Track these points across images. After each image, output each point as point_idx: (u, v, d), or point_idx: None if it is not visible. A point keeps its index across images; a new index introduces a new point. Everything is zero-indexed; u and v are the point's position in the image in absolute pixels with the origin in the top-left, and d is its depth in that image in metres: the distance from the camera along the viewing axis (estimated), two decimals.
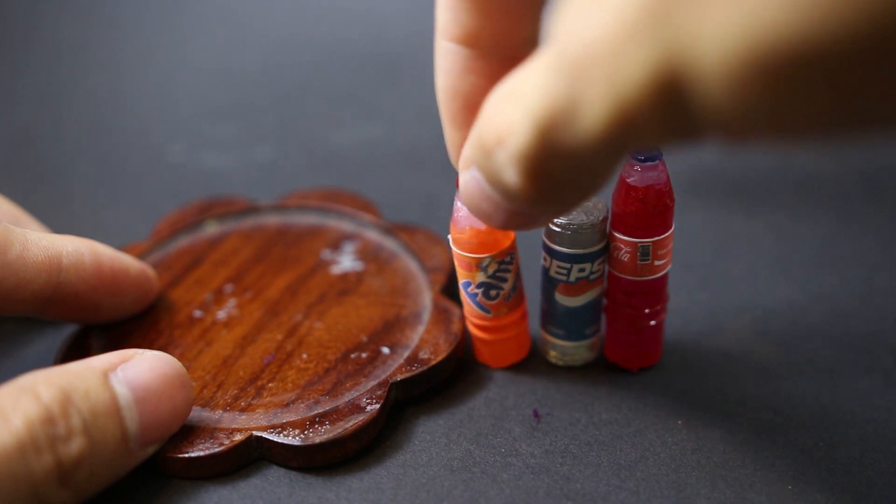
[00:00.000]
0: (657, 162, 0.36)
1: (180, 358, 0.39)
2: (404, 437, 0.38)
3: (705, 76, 0.23)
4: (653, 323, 0.39)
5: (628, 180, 0.36)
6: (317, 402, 0.37)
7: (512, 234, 0.38)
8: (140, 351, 0.35)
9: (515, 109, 0.28)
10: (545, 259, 0.38)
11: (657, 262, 0.38)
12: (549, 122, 0.27)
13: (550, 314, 0.39)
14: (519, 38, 0.33)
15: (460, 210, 0.37)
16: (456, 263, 0.38)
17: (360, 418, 0.36)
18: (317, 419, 0.37)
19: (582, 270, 0.38)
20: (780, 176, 0.50)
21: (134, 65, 0.60)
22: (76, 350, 0.40)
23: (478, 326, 0.39)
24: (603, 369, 0.40)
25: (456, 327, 0.40)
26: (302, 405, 0.37)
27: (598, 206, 0.38)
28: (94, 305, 0.39)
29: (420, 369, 0.38)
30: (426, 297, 0.41)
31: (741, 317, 0.42)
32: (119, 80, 0.59)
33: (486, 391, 0.39)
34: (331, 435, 0.36)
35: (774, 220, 0.47)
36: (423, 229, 0.44)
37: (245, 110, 0.56)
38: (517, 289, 0.38)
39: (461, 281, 0.38)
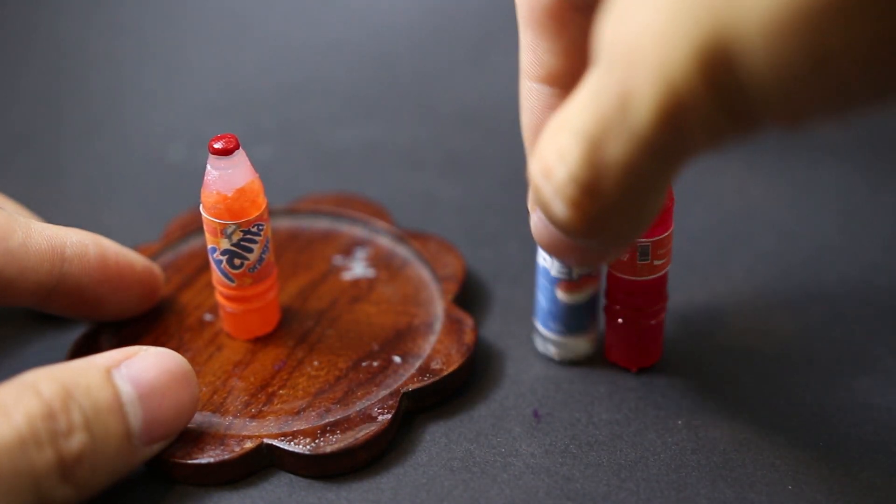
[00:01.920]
0: None
1: (191, 362, 0.38)
2: (404, 437, 0.38)
3: (751, 38, 0.23)
4: (653, 323, 0.39)
5: None
6: (328, 411, 0.37)
7: (261, 205, 0.38)
8: (144, 348, 0.35)
9: (561, 135, 0.28)
10: (545, 259, 0.38)
11: (657, 262, 0.38)
12: (597, 130, 0.27)
13: (550, 312, 0.39)
14: None
15: (210, 173, 0.37)
16: (204, 226, 0.38)
17: (372, 428, 0.36)
18: (328, 428, 0.36)
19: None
20: (780, 175, 0.50)
21: (134, 65, 0.60)
22: (86, 351, 0.39)
23: (223, 295, 0.39)
24: (603, 369, 0.40)
25: (468, 338, 0.40)
26: (313, 413, 0.37)
27: None
28: (97, 300, 0.39)
29: (431, 380, 0.38)
30: (438, 307, 0.41)
31: (741, 317, 0.42)
32: (119, 80, 0.59)
33: (486, 391, 0.39)
34: (342, 444, 0.36)
35: (775, 220, 0.47)
36: (435, 237, 0.44)
37: (245, 110, 0.56)
38: (264, 262, 0.38)
39: (208, 246, 0.38)
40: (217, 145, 0.37)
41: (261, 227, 0.38)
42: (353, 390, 0.38)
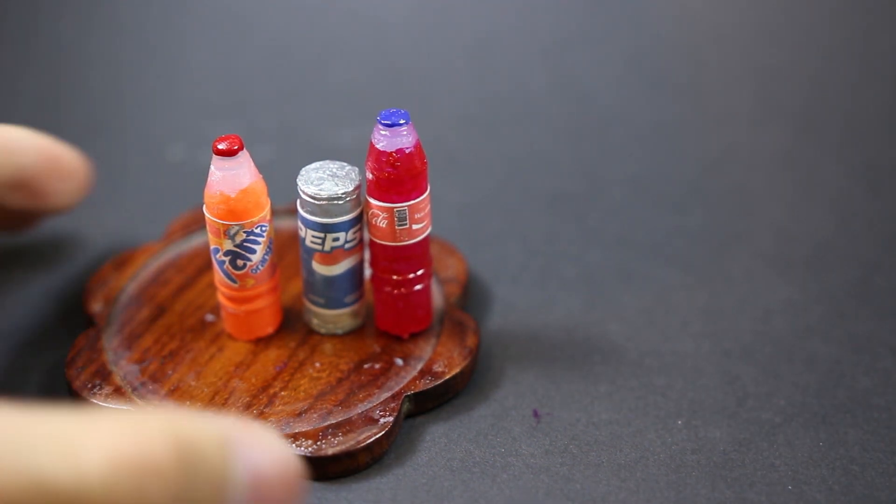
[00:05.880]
0: (403, 126, 0.36)
1: (192, 363, 0.39)
2: (404, 437, 0.38)
3: None
4: (418, 288, 0.39)
5: (378, 146, 0.37)
6: (329, 413, 0.37)
7: (265, 206, 0.38)
8: (266, 428, 0.29)
9: None
10: (301, 228, 0.38)
11: (415, 227, 0.38)
12: None
13: (310, 283, 0.39)
14: None
15: (213, 174, 0.37)
16: (207, 227, 0.38)
17: (373, 431, 0.36)
18: (329, 430, 0.36)
19: (336, 240, 0.38)
20: (780, 175, 0.50)
21: (134, 65, 0.60)
22: (87, 351, 0.39)
23: (225, 296, 0.39)
24: (603, 369, 0.40)
25: (470, 341, 0.40)
26: (314, 415, 0.37)
27: (350, 174, 0.38)
28: (43, 191, 0.40)
29: (433, 383, 0.38)
30: (440, 309, 0.41)
31: (741, 317, 0.42)
32: (119, 80, 0.59)
33: (486, 391, 0.39)
34: (343, 447, 0.36)
35: (774, 220, 0.47)
36: (438, 239, 0.44)
37: (245, 110, 0.56)
38: (267, 262, 0.39)
39: (211, 246, 0.38)
40: (221, 146, 0.37)
41: (264, 228, 0.38)
42: (354, 392, 0.38)
